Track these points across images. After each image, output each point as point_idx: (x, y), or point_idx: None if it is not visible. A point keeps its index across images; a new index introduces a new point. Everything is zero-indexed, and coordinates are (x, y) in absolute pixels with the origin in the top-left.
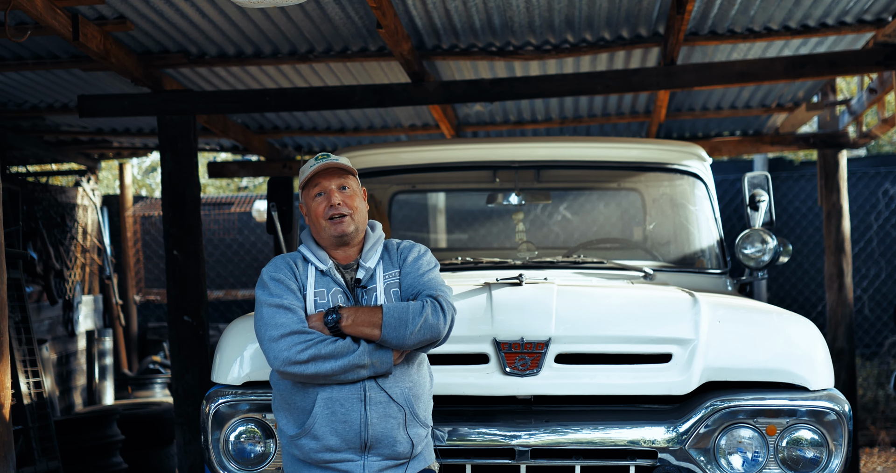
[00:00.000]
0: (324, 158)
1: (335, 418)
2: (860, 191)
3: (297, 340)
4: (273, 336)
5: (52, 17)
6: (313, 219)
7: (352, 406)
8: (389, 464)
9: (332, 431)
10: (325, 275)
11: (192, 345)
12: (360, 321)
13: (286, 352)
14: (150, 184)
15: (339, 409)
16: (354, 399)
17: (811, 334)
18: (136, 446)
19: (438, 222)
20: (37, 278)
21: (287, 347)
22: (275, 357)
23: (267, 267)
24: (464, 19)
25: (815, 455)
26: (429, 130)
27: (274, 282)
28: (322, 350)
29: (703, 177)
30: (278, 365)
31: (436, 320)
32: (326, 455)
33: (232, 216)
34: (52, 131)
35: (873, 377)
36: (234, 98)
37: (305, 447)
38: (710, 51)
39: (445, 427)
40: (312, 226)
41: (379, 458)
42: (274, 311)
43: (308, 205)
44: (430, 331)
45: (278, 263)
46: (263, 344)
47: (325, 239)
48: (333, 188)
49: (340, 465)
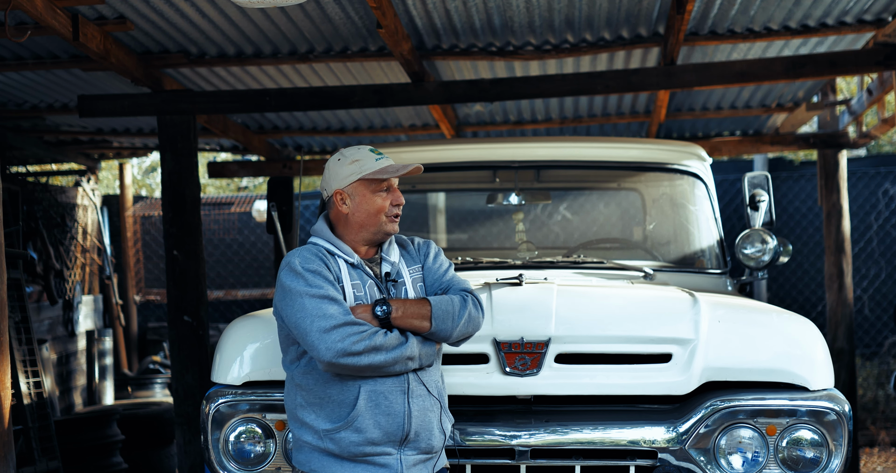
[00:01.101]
0: (383, 155)
1: (379, 410)
2: (860, 191)
3: (351, 331)
4: (324, 327)
5: (52, 17)
6: (369, 213)
7: (395, 399)
8: (422, 458)
9: (376, 424)
10: (357, 268)
11: (192, 345)
12: (410, 313)
13: (340, 343)
14: (150, 184)
15: (383, 401)
16: (398, 392)
17: (811, 334)
18: (136, 446)
19: (438, 222)
20: (37, 278)
21: (340, 338)
22: (327, 348)
23: (295, 258)
24: (464, 19)
25: (815, 455)
26: (429, 130)
27: (310, 273)
28: (376, 341)
29: (703, 177)
30: (331, 357)
31: (477, 313)
32: (367, 448)
33: (232, 216)
34: (52, 131)
35: (873, 377)
36: (234, 98)
37: (345, 440)
38: (710, 51)
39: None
40: (358, 219)
41: (415, 452)
42: (319, 302)
43: (363, 197)
44: (472, 324)
45: (306, 254)
46: (311, 336)
47: (369, 234)
48: (396, 186)
49: (379, 458)
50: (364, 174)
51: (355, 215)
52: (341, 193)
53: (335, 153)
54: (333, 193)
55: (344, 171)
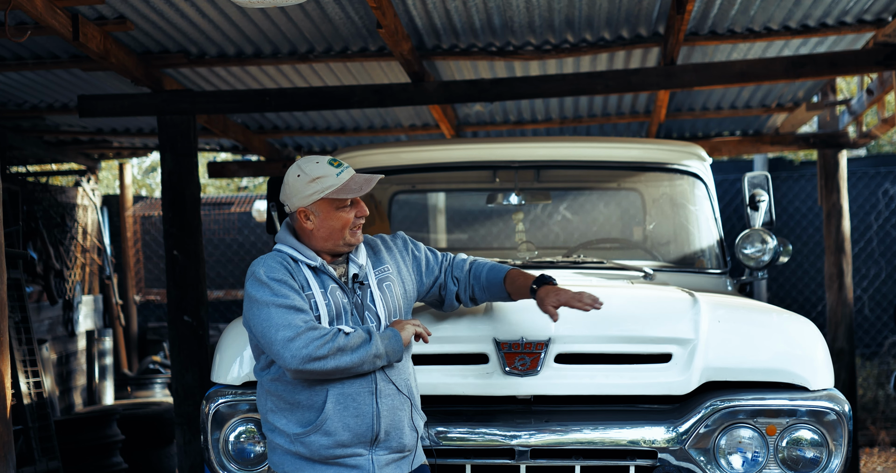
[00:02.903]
0: (343, 166)
1: (348, 413)
2: (860, 191)
3: (314, 336)
4: (288, 337)
5: (52, 17)
6: (333, 229)
7: (363, 400)
8: (395, 457)
9: (345, 426)
10: (319, 272)
11: (192, 345)
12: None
13: (305, 350)
14: (150, 184)
15: (351, 404)
16: (366, 393)
17: (811, 334)
18: (136, 446)
19: (438, 222)
20: (37, 278)
21: (304, 344)
22: (293, 356)
23: (259, 267)
24: (464, 19)
25: (815, 455)
26: (429, 130)
27: (276, 282)
28: (339, 342)
29: (703, 177)
30: (297, 364)
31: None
32: (338, 450)
33: (232, 216)
34: (52, 131)
35: (873, 377)
36: (234, 98)
37: (315, 444)
38: (710, 51)
39: (445, 426)
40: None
41: (386, 451)
42: (284, 312)
43: (327, 214)
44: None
45: (270, 263)
46: (276, 346)
47: (334, 246)
48: (360, 199)
49: (350, 460)
50: (327, 194)
51: (320, 231)
52: (304, 210)
53: (293, 166)
54: (296, 210)
55: (305, 189)
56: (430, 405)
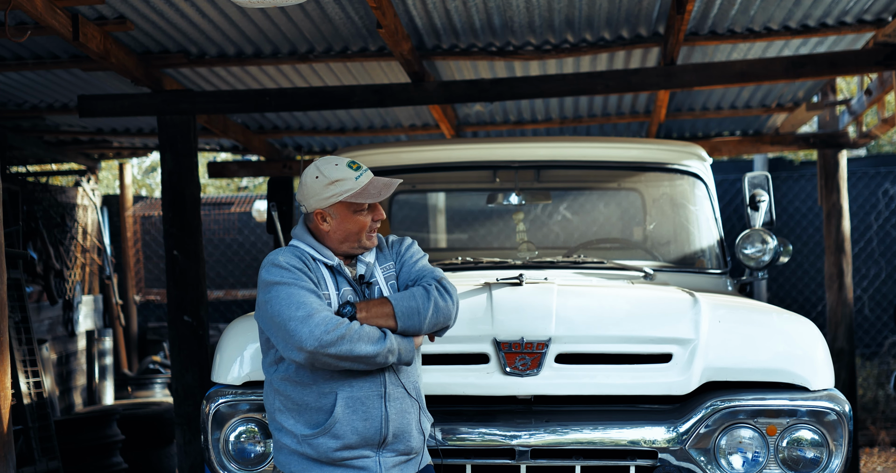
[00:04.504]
0: (362, 170)
1: (357, 416)
2: (860, 191)
3: (331, 317)
4: (306, 314)
5: (52, 17)
6: (350, 232)
7: (373, 404)
8: (402, 459)
9: (353, 430)
10: (336, 271)
11: (192, 345)
12: (374, 314)
13: (322, 327)
14: (150, 184)
15: (360, 407)
16: (375, 396)
17: (811, 334)
18: (136, 446)
19: (438, 222)
20: (37, 278)
21: (321, 323)
22: (310, 333)
23: (278, 256)
24: (464, 19)
25: (815, 455)
26: (429, 130)
27: (295, 269)
28: (354, 330)
29: (703, 177)
30: (313, 343)
31: (445, 302)
32: (345, 452)
33: (232, 216)
34: (52, 131)
35: (873, 377)
36: (234, 98)
37: (322, 446)
38: (710, 51)
39: (446, 426)
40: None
41: (393, 453)
42: (298, 290)
43: (345, 217)
44: (442, 314)
45: (288, 253)
46: (292, 323)
47: (349, 249)
48: (378, 203)
49: (357, 462)
50: (345, 197)
51: (336, 233)
52: (322, 212)
53: (311, 166)
54: (313, 211)
55: (323, 192)
56: (431, 406)
